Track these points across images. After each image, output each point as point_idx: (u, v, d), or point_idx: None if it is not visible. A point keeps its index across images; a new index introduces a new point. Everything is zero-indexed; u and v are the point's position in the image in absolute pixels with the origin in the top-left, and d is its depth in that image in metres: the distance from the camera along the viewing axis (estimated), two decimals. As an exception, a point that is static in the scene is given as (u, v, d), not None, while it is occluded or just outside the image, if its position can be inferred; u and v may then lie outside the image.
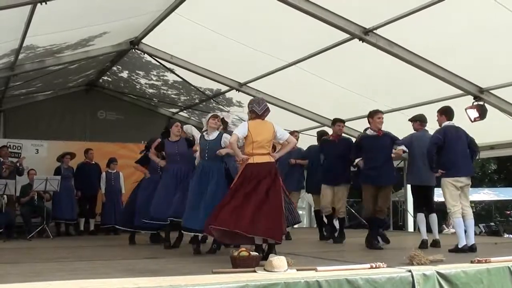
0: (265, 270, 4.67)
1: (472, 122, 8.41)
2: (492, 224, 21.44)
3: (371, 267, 4.82)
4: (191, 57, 10.01)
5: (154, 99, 13.28)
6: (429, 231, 7.95)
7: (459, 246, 6.70)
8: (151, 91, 12.72)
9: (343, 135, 8.97)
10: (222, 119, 7.52)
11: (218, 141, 6.69)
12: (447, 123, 7.11)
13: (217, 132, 6.78)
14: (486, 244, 8.53)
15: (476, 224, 19.94)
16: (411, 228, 13.42)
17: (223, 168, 6.76)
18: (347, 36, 7.67)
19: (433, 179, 7.56)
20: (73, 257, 6.59)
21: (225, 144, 6.60)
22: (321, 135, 9.38)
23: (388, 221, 12.12)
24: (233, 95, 11.43)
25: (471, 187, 7.47)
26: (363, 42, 7.53)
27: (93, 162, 11.52)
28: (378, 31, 7.44)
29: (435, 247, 7.55)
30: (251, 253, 5.07)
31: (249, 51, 8.79)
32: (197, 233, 6.64)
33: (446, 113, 7.20)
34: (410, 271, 4.62)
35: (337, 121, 8.61)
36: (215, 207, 5.94)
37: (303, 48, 8.57)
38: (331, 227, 8.95)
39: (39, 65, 9.59)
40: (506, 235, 18.44)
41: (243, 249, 5.13)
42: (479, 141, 10.40)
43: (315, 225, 10.43)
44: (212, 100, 12.08)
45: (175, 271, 4.88)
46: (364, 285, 4.36)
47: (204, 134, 6.82)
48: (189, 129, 7.71)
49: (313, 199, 9.94)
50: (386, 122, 8.35)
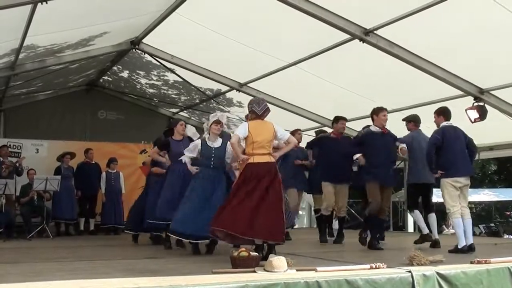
0: (265, 270, 4.67)
1: (472, 123, 8.41)
2: (492, 224, 21.46)
3: (371, 268, 4.82)
4: (191, 57, 10.00)
5: (154, 99, 13.28)
6: (429, 231, 7.95)
7: (459, 246, 6.70)
8: (151, 91, 12.72)
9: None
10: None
11: (223, 149, 6.61)
12: (445, 124, 7.10)
13: (220, 139, 6.70)
14: (486, 244, 8.53)
15: (476, 224, 20.05)
16: (411, 228, 13.45)
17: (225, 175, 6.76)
18: (347, 36, 7.67)
19: (432, 177, 7.56)
20: (73, 257, 6.59)
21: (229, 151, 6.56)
22: (319, 135, 9.38)
23: (388, 221, 12.13)
24: (234, 95, 11.43)
25: (471, 187, 7.48)
26: (363, 42, 7.53)
27: (93, 162, 11.51)
28: (378, 32, 7.44)
29: (434, 247, 7.55)
30: (251, 253, 5.08)
31: (249, 51, 8.79)
32: (186, 239, 6.62)
33: (444, 113, 7.20)
34: (410, 271, 4.63)
35: (340, 119, 8.54)
36: (218, 208, 5.96)
37: (303, 48, 8.57)
38: (329, 229, 8.94)
39: (40, 65, 9.59)
40: (506, 236, 18.45)
41: (243, 249, 5.14)
42: (479, 142, 10.43)
43: (315, 225, 10.42)
44: (212, 100, 12.08)
45: (175, 271, 4.88)
46: (364, 285, 4.37)
47: (206, 140, 6.66)
48: (189, 131, 7.69)
49: (313, 199, 9.92)
50: (386, 122, 8.38)
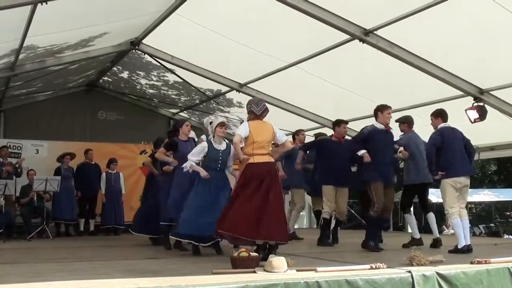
0: (264, 270, 4.68)
1: (472, 123, 8.41)
2: (492, 225, 21.48)
3: (371, 268, 4.83)
4: (191, 57, 10.00)
5: (154, 99, 13.28)
6: (429, 231, 7.94)
7: (459, 246, 6.70)
8: (151, 91, 12.72)
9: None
10: (210, 124, 7.53)
11: (228, 152, 6.62)
12: (443, 125, 7.11)
13: (224, 142, 6.69)
14: (486, 245, 8.54)
15: (476, 225, 20.09)
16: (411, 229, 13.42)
17: None
18: (347, 37, 7.67)
19: (429, 176, 7.59)
20: (73, 258, 6.60)
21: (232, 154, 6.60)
22: (318, 137, 9.38)
23: (388, 221, 12.12)
24: (234, 95, 11.43)
25: (471, 187, 7.47)
26: (363, 43, 7.52)
27: (93, 162, 11.51)
28: (378, 32, 7.44)
29: (435, 246, 7.55)
30: (251, 253, 5.08)
31: (249, 51, 8.79)
32: (189, 241, 6.60)
33: (441, 115, 7.21)
34: (410, 271, 4.63)
35: (342, 122, 8.47)
36: (223, 211, 5.96)
37: (303, 48, 8.56)
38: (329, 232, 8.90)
39: (40, 65, 9.58)
40: (506, 236, 18.46)
41: (243, 249, 5.14)
42: (479, 142, 10.46)
43: (315, 226, 10.41)
44: (212, 100, 12.08)
45: (175, 272, 4.89)
46: (364, 285, 4.37)
47: (212, 142, 6.63)
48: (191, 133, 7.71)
49: (312, 200, 9.91)
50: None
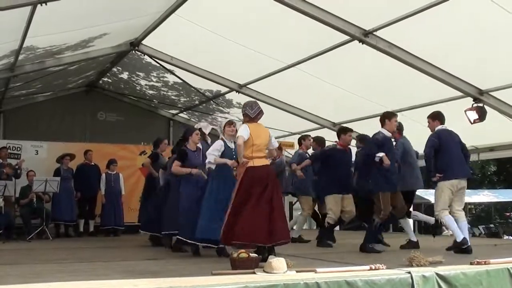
0: (264, 271, 4.68)
1: (471, 124, 8.41)
2: (491, 225, 21.49)
3: (371, 269, 4.82)
4: (191, 58, 10.00)
5: (154, 100, 13.28)
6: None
7: (458, 240, 6.66)
8: (151, 92, 12.72)
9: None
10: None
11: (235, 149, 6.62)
12: (440, 127, 7.08)
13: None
14: (485, 245, 8.54)
15: (475, 225, 20.09)
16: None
17: None
18: (347, 37, 7.67)
19: (418, 183, 7.78)
20: (73, 259, 6.59)
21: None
22: (320, 141, 9.43)
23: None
24: (233, 96, 11.43)
25: (471, 188, 7.50)
26: (363, 43, 7.52)
27: (93, 163, 11.51)
28: (377, 33, 7.44)
29: (415, 247, 7.60)
30: (250, 254, 5.08)
31: (249, 52, 8.79)
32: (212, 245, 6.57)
33: (438, 117, 7.17)
34: (409, 272, 4.63)
35: (348, 130, 8.49)
36: (229, 217, 5.89)
37: (303, 49, 8.57)
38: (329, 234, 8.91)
39: (39, 66, 9.58)
40: (505, 237, 18.46)
41: (243, 250, 5.14)
42: (479, 143, 10.48)
43: (315, 227, 10.40)
44: (212, 101, 12.09)
45: (175, 273, 4.89)
46: (363, 286, 4.37)
47: (225, 141, 6.64)
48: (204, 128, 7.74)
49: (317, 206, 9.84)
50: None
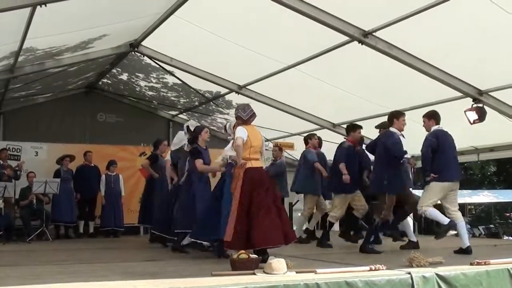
0: (264, 272, 4.68)
1: (471, 124, 8.41)
2: (491, 226, 21.46)
3: (371, 269, 4.83)
4: (190, 59, 9.99)
5: (153, 101, 13.27)
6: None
7: (445, 223, 6.58)
8: (150, 93, 12.72)
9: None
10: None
11: None
12: (436, 128, 7.04)
13: None
14: (485, 246, 8.55)
15: (475, 226, 20.08)
16: (411, 230, 13.41)
17: None
18: (346, 38, 7.66)
19: (410, 183, 7.89)
20: (73, 260, 6.60)
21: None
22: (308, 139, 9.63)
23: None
24: (233, 97, 11.42)
25: (470, 189, 7.50)
26: (362, 44, 7.52)
27: (92, 164, 11.51)
28: (377, 34, 7.43)
29: (415, 248, 7.61)
30: (250, 255, 5.08)
31: (248, 53, 8.79)
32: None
33: (434, 117, 7.13)
34: (409, 273, 4.64)
35: (357, 127, 8.49)
36: (238, 222, 5.83)
37: (302, 50, 8.56)
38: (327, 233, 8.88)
39: (39, 68, 9.57)
40: (505, 237, 18.49)
41: (243, 251, 5.15)
42: (479, 143, 10.48)
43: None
44: (211, 102, 12.08)
45: (175, 274, 4.89)
46: (363, 287, 4.38)
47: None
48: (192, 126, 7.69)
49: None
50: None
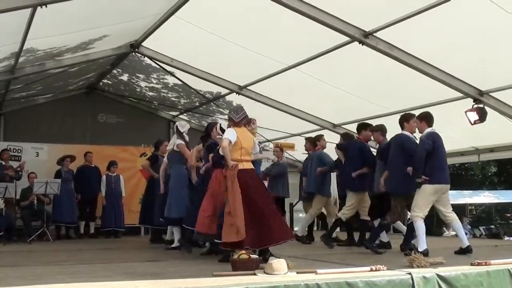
0: (265, 272, 4.68)
1: (472, 124, 8.41)
2: (492, 226, 21.43)
3: (371, 270, 4.83)
4: (191, 60, 9.99)
5: (154, 102, 13.28)
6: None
7: (420, 250, 6.30)
8: (151, 94, 12.72)
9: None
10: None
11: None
12: (430, 130, 6.89)
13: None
14: (486, 246, 8.55)
15: (476, 226, 20.06)
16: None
17: None
18: (347, 39, 7.67)
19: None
20: (74, 260, 6.60)
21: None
22: (314, 142, 9.59)
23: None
24: (233, 98, 11.43)
25: (471, 189, 7.48)
26: (362, 45, 7.52)
27: (93, 165, 11.52)
28: (377, 34, 7.43)
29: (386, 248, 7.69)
30: (251, 256, 5.08)
31: (249, 54, 8.79)
32: None
33: (425, 118, 6.99)
34: (410, 273, 4.64)
35: (368, 126, 8.48)
36: (240, 223, 5.78)
37: (303, 51, 8.56)
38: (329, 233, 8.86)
39: (39, 68, 9.57)
40: (506, 238, 18.45)
41: (243, 252, 5.15)
42: (479, 143, 10.48)
43: (315, 228, 10.40)
44: (212, 103, 12.09)
45: (176, 274, 4.89)
46: (364, 287, 4.37)
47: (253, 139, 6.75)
48: (182, 127, 7.96)
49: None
50: (386, 125, 8.42)
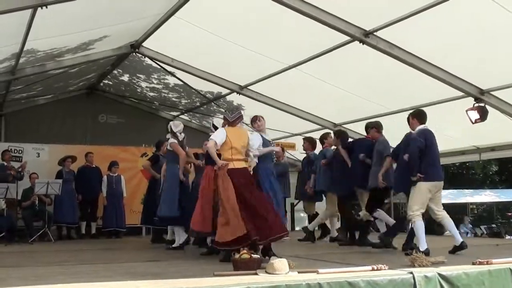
0: (266, 272, 4.68)
1: (473, 123, 8.40)
2: (493, 225, 21.41)
3: (373, 269, 4.82)
4: (191, 60, 9.99)
5: (155, 102, 13.28)
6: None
7: (421, 249, 6.30)
8: (152, 94, 12.73)
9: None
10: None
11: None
12: (422, 127, 6.90)
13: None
14: (487, 245, 8.55)
15: (477, 225, 20.06)
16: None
17: None
18: (347, 38, 7.66)
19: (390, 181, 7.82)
20: (75, 261, 6.61)
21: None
22: (312, 142, 9.65)
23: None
24: (234, 98, 11.43)
25: (472, 188, 7.46)
26: (363, 44, 7.51)
27: (93, 165, 11.53)
28: (378, 33, 7.43)
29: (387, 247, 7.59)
30: (252, 255, 5.08)
31: (249, 53, 8.79)
32: None
33: (417, 116, 7.00)
34: (411, 273, 4.64)
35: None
36: (235, 220, 5.90)
37: (303, 50, 8.56)
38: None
39: (40, 69, 9.58)
40: (507, 237, 18.43)
41: (245, 251, 5.15)
42: (480, 142, 10.47)
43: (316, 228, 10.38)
44: (213, 103, 12.09)
45: (177, 274, 4.89)
46: (365, 287, 4.38)
47: (262, 135, 6.83)
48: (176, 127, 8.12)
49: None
50: (387, 124, 8.42)
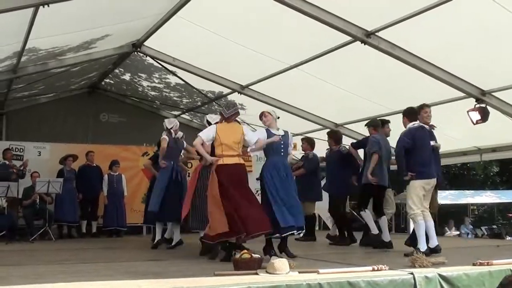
0: (267, 272, 4.68)
1: (474, 124, 8.40)
2: (494, 226, 21.41)
3: (373, 270, 4.83)
4: (193, 59, 10.00)
5: (156, 101, 13.30)
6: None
7: (421, 250, 6.30)
8: (153, 93, 12.74)
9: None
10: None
11: (286, 136, 6.82)
12: (411, 125, 6.89)
13: (281, 129, 6.87)
14: (488, 246, 8.55)
15: (478, 226, 20.07)
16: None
17: None
18: (349, 38, 7.66)
19: (387, 180, 7.91)
20: (76, 260, 6.61)
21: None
22: (311, 142, 9.70)
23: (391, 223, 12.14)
24: (235, 97, 11.40)
25: (473, 189, 7.45)
26: (365, 44, 7.52)
27: (94, 164, 11.53)
28: (380, 34, 7.43)
29: (387, 247, 7.65)
30: (253, 255, 5.09)
31: (251, 53, 8.79)
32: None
33: (407, 114, 7.02)
34: (412, 273, 4.64)
35: (386, 122, 8.50)
36: (227, 214, 5.99)
37: (305, 50, 8.56)
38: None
39: (42, 68, 9.60)
40: (508, 238, 18.43)
41: (245, 251, 5.16)
42: (481, 143, 10.46)
43: (317, 228, 10.40)
44: (214, 102, 12.09)
45: (178, 273, 4.90)
46: (366, 287, 4.37)
47: (270, 130, 6.79)
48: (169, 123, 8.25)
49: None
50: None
